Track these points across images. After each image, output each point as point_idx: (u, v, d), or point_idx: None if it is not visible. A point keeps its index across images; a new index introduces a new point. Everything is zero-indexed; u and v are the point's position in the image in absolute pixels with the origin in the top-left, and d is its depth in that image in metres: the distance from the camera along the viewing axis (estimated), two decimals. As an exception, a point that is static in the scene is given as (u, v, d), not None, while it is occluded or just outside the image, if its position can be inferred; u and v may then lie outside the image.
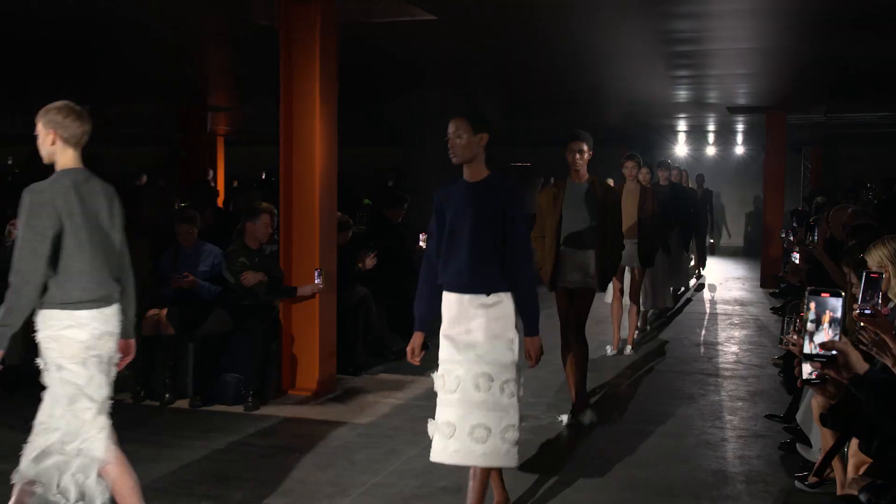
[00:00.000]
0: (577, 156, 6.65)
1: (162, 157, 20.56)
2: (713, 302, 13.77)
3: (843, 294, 2.60)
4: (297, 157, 7.60)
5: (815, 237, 7.41)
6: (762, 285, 15.50)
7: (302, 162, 7.58)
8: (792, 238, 11.88)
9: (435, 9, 8.24)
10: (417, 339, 4.73)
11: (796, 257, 8.64)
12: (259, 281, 7.36)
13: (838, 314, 2.56)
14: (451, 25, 9.05)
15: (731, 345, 10.20)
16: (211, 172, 18.98)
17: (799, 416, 5.77)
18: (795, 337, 5.13)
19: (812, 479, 5.36)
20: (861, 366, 2.58)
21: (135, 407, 7.29)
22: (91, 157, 4.50)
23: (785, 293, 12.04)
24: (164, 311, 7.38)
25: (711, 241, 18.20)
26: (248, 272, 7.35)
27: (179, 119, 17.05)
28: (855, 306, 4.11)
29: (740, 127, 20.58)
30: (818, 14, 8.53)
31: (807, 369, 2.89)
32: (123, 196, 4.46)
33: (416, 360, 4.71)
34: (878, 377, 2.60)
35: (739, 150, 24.34)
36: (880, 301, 4.13)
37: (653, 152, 25.44)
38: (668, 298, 11.17)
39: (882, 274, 4.21)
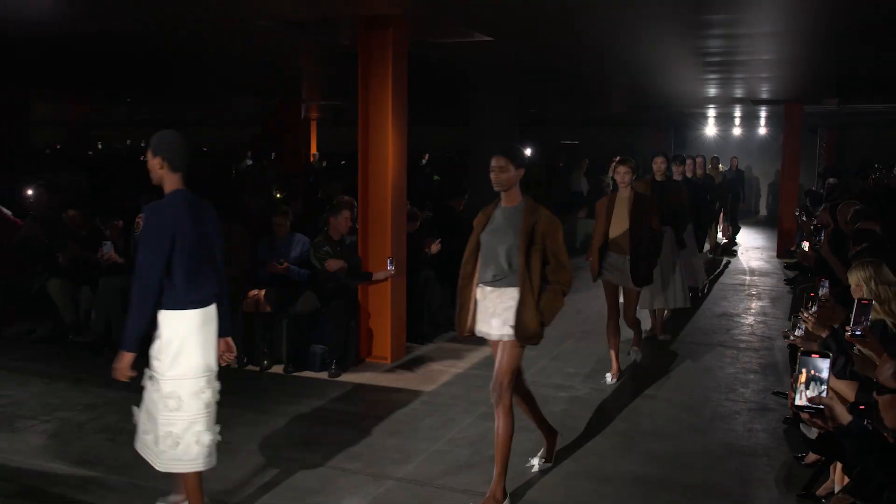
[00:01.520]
0: (499, 173, 4.58)
1: (256, 138, 20.87)
2: (735, 272, 13.48)
3: (829, 355, 2.53)
4: (372, 164, 7.60)
5: (822, 237, 7.21)
6: (778, 255, 15.15)
7: (377, 167, 7.58)
8: (805, 219, 11.56)
9: (492, 32, 8.14)
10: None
11: (806, 245, 8.41)
12: (340, 267, 7.44)
13: (824, 374, 2.50)
14: (509, 43, 8.96)
15: (747, 316, 10.00)
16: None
17: (801, 401, 5.66)
18: (797, 333, 5.05)
19: (809, 459, 5.27)
20: (845, 417, 2.53)
21: (239, 372, 7.45)
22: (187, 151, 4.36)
23: (796, 267, 11.73)
24: (263, 292, 7.51)
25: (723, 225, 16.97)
26: (331, 260, 7.44)
27: (279, 110, 17.25)
28: (848, 328, 4.03)
29: (762, 113, 20.12)
30: (829, 30, 8.27)
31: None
32: (227, 185, 4.46)
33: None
34: (860, 427, 2.54)
35: (762, 130, 24.09)
36: (868, 322, 4.05)
37: (686, 133, 25.06)
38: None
39: (872, 301, 4.12)
